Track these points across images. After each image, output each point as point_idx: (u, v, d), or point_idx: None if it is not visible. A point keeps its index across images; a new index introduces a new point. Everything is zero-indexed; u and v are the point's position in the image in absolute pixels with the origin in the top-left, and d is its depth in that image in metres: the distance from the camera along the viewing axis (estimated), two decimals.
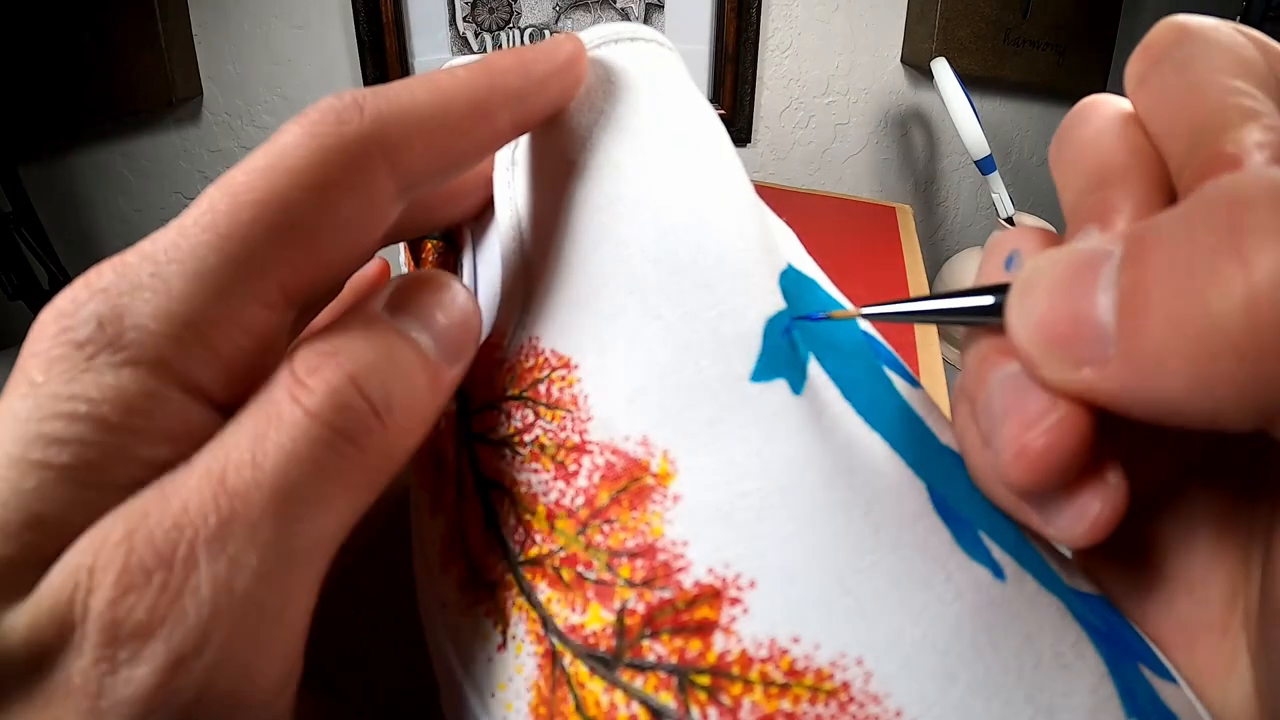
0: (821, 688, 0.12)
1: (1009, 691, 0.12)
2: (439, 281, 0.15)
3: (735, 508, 0.13)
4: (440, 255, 0.23)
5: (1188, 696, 0.13)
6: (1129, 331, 0.10)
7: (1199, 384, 0.09)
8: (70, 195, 0.85)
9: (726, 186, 0.16)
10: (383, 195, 0.13)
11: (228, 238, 0.12)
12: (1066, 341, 0.11)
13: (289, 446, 0.11)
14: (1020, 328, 0.12)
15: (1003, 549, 0.14)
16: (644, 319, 0.15)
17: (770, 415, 0.14)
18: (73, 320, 0.11)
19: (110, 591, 0.10)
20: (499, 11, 0.87)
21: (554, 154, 0.17)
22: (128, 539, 0.10)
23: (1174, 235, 0.10)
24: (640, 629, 0.13)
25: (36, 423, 0.10)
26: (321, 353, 0.12)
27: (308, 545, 0.12)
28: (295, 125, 0.13)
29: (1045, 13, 0.90)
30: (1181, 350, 0.09)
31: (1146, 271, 0.10)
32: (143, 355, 0.11)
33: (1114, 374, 0.11)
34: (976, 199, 1.07)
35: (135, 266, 0.11)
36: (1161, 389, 0.10)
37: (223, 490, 0.11)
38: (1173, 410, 0.10)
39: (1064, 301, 0.11)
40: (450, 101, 0.14)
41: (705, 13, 0.89)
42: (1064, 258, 0.12)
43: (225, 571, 0.11)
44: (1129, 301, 0.10)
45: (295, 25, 0.84)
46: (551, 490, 0.14)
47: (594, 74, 0.17)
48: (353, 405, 0.12)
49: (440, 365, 0.14)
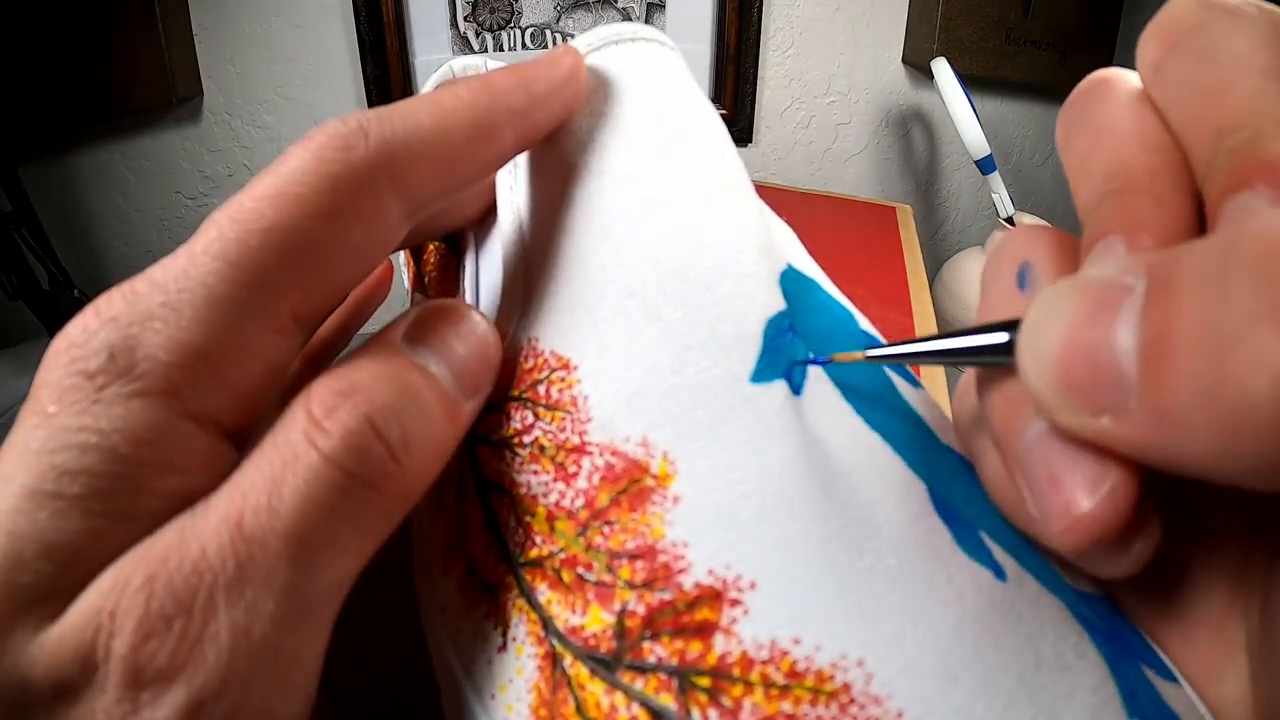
0: (822, 689, 0.12)
1: (1010, 693, 0.12)
2: (459, 312, 0.15)
3: (735, 509, 0.13)
4: (442, 258, 0.23)
5: (1189, 696, 0.13)
6: (1152, 385, 0.09)
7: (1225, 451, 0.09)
8: (70, 195, 0.85)
9: (727, 187, 0.16)
10: (390, 219, 0.13)
11: (237, 266, 0.12)
12: (1083, 387, 0.10)
13: (305, 491, 0.11)
14: (1033, 371, 0.11)
15: (1004, 549, 0.14)
16: (644, 320, 0.15)
17: (770, 416, 0.14)
18: (84, 350, 0.11)
19: (132, 637, 0.10)
20: (500, 11, 0.87)
21: (555, 156, 0.17)
22: (148, 584, 0.10)
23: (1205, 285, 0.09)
24: (641, 630, 0.13)
25: (49, 454, 0.11)
26: (338, 392, 0.12)
27: (324, 589, 0.12)
28: (302, 150, 0.13)
29: (1046, 12, 0.90)
30: (1208, 416, 0.09)
31: (1172, 322, 0.09)
32: (154, 386, 0.11)
33: (1135, 426, 0.10)
34: (977, 199, 1.07)
35: (146, 295, 0.11)
36: (1183, 450, 0.09)
37: (240, 536, 0.11)
38: (1192, 471, 0.10)
39: (1080, 341, 0.10)
40: (454, 123, 0.14)
41: (706, 12, 0.89)
42: (1080, 292, 0.11)
43: (244, 618, 0.11)
44: (1152, 352, 0.09)
45: (295, 25, 0.84)
46: (551, 492, 0.14)
47: (595, 76, 0.17)
48: (370, 450, 0.12)
49: (458, 401, 0.14)
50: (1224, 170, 0.11)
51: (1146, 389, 0.09)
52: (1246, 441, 0.08)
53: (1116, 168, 0.13)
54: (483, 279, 0.20)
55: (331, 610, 0.12)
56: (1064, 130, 0.14)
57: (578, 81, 0.16)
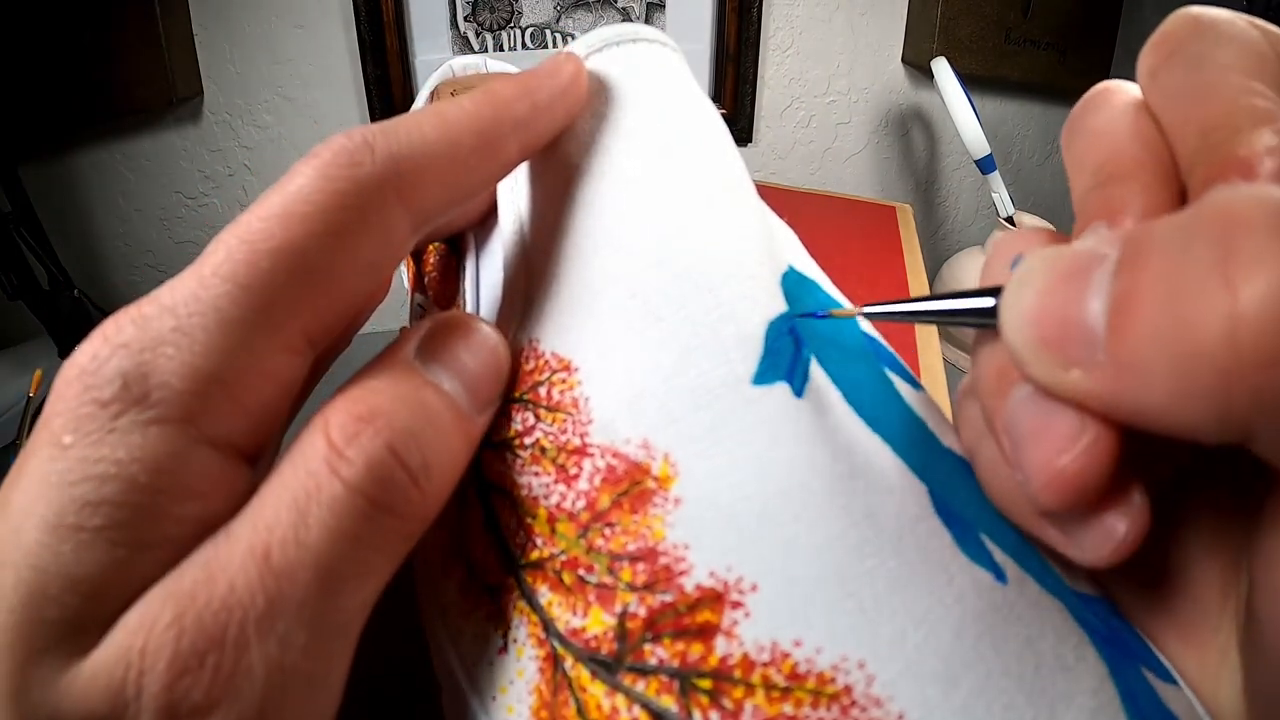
0: (824, 691, 0.12)
1: (1011, 695, 0.12)
2: (469, 326, 0.15)
3: (737, 511, 0.13)
4: (442, 259, 0.23)
5: (1189, 698, 0.13)
6: (1116, 338, 0.10)
7: (1179, 398, 0.10)
8: (70, 195, 0.85)
9: (729, 188, 0.16)
10: (398, 233, 0.13)
11: (248, 289, 0.12)
12: (1055, 342, 0.11)
13: (331, 522, 0.11)
14: (1011, 326, 0.12)
15: (1004, 551, 0.14)
16: (645, 321, 0.15)
17: (772, 418, 0.14)
18: (96, 378, 0.11)
19: (165, 676, 0.10)
20: (500, 11, 0.87)
21: (556, 157, 0.17)
22: (177, 621, 0.10)
23: (1169, 247, 0.10)
24: (642, 632, 0.13)
25: (69, 486, 0.10)
26: (358, 417, 0.12)
27: (351, 614, 0.12)
28: (308, 167, 0.13)
29: (1046, 12, 0.90)
30: (1164, 363, 0.10)
31: (1139, 280, 0.10)
32: (169, 414, 0.11)
33: (1104, 379, 0.11)
34: (977, 199, 1.07)
35: (156, 319, 0.11)
36: (1144, 398, 0.10)
37: (268, 569, 0.11)
38: (1154, 420, 0.10)
39: (1055, 301, 0.11)
40: (459, 136, 0.14)
41: (706, 12, 0.89)
42: (1059, 257, 0.11)
43: (276, 650, 0.11)
44: (1119, 308, 0.10)
45: (296, 24, 0.84)
46: (552, 493, 0.14)
47: (596, 77, 0.17)
48: (393, 477, 0.12)
49: (471, 417, 0.14)
50: (1204, 164, 0.12)
51: (1112, 341, 0.10)
52: (1202, 387, 0.09)
53: (1107, 162, 0.13)
54: (483, 280, 0.20)
55: (357, 630, 0.12)
56: (1068, 136, 0.15)
57: (579, 88, 0.16)
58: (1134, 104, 0.14)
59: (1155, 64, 0.13)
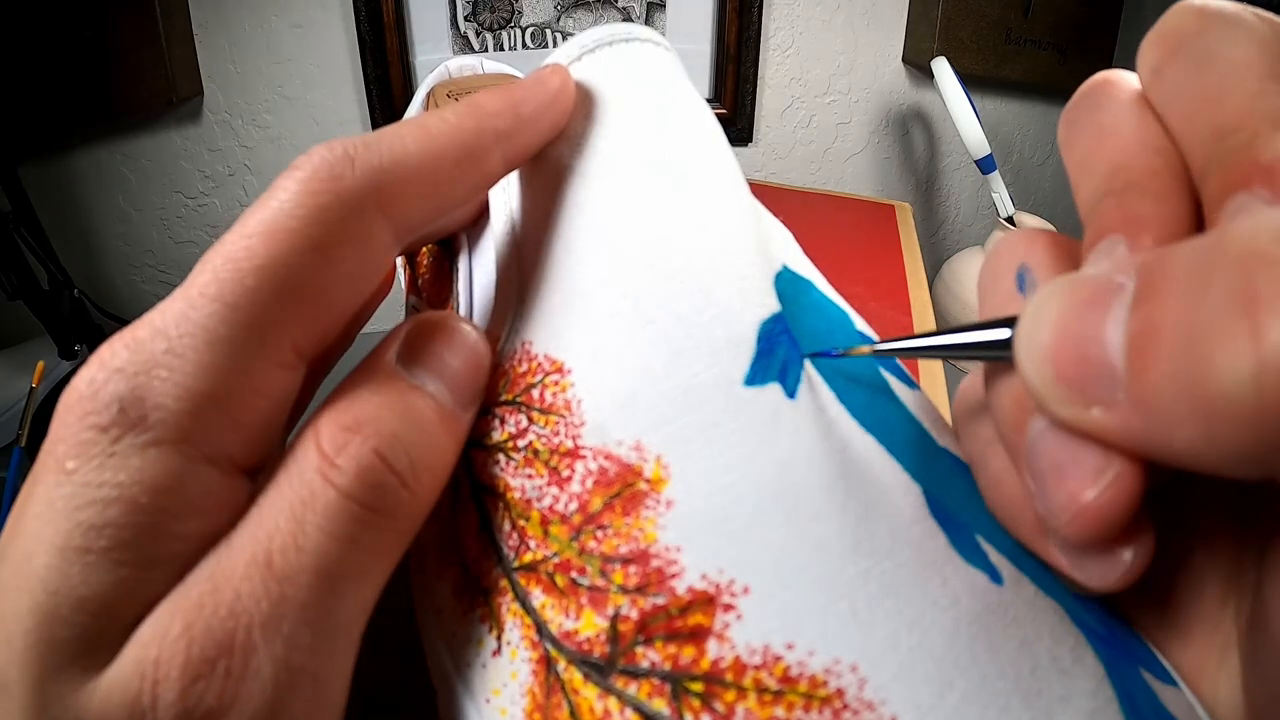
0: (816, 695, 0.12)
1: (1006, 697, 0.12)
2: (447, 325, 0.15)
3: (729, 513, 0.13)
4: (435, 260, 0.22)
5: (1188, 700, 0.13)
6: (1138, 377, 0.10)
7: (1207, 441, 0.09)
8: (70, 195, 0.85)
9: (722, 188, 0.16)
10: (381, 245, 0.14)
11: (236, 307, 0.12)
12: (1075, 380, 0.11)
13: (327, 528, 0.12)
14: (1028, 364, 0.11)
15: (1000, 552, 0.14)
16: (637, 323, 0.15)
17: (764, 420, 0.14)
18: (94, 404, 0.11)
19: (179, 683, 0.11)
20: (500, 11, 0.87)
21: (548, 158, 0.17)
22: (186, 631, 0.11)
23: (1189, 282, 0.09)
24: (634, 635, 0.13)
25: (74, 511, 0.11)
26: (345, 427, 0.13)
27: (352, 613, 0.12)
28: (290, 181, 0.13)
29: (1046, 12, 0.90)
30: (1186, 406, 0.09)
31: (1158, 317, 0.10)
32: (166, 435, 0.11)
33: (1124, 417, 0.10)
34: (977, 198, 1.07)
35: (148, 343, 0.12)
36: (1167, 439, 0.10)
37: (271, 575, 0.11)
38: (1176, 459, 0.10)
39: (1072, 337, 0.11)
40: (441, 148, 0.14)
41: (706, 12, 0.89)
42: (1074, 288, 0.11)
43: (283, 651, 0.11)
44: (1138, 345, 0.10)
45: (296, 24, 0.84)
46: (545, 496, 0.14)
47: (589, 78, 0.17)
48: (383, 482, 0.12)
49: (456, 415, 0.14)
50: (1222, 170, 0.11)
51: (1133, 381, 0.10)
52: (1227, 431, 0.09)
53: (1117, 166, 0.13)
54: (476, 281, 0.20)
55: (359, 629, 0.13)
56: (1066, 131, 0.14)
57: (566, 100, 0.16)
58: (1137, 100, 0.13)
59: (1159, 60, 0.13)
